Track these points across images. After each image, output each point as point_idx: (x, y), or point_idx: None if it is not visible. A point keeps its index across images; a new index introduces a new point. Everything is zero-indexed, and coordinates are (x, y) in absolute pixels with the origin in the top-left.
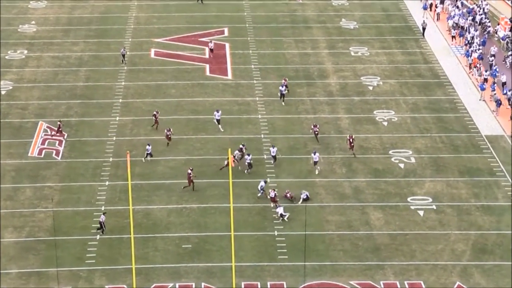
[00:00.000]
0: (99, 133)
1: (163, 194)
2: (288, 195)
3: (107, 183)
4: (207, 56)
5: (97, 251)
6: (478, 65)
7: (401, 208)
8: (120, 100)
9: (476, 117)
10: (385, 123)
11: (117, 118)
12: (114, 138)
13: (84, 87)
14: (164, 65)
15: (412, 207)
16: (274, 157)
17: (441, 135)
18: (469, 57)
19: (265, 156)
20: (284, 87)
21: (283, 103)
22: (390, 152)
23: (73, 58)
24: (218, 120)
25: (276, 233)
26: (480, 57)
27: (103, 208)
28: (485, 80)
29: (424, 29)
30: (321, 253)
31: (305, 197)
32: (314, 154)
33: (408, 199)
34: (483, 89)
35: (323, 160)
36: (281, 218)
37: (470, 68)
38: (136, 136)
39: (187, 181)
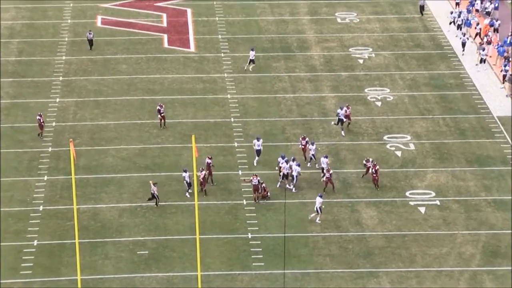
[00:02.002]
0: (36, 118)
1: (113, 191)
2: (256, 183)
3: (45, 178)
4: (164, 24)
5: (35, 260)
6: (489, 34)
7: (398, 205)
8: (61, 78)
9: (487, 95)
10: (379, 103)
11: (57, 100)
12: (54, 124)
13: (16, 62)
14: (113, 36)
15: (412, 203)
16: (258, 152)
17: (445, 117)
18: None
19: (236, 144)
20: (343, 110)
21: (342, 133)
22: (385, 137)
23: (2, 27)
24: (258, 151)
25: (249, 235)
26: (491, 24)
27: (41, 208)
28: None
29: None
30: (303, 259)
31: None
32: (312, 145)
33: (407, 193)
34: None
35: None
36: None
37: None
38: (81, 121)
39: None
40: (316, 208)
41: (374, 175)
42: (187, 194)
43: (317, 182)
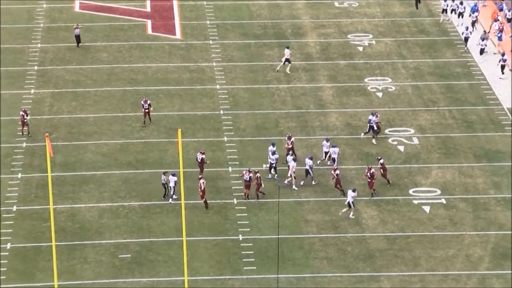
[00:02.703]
0: (8, 110)
1: (93, 189)
2: (247, 179)
3: (19, 175)
4: (148, 9)
5: (8, 264)
6: (497, 18)
7: (401, 203)
8: (36, 68)
9: (497, 84)
10: (380, 94)
11: (32, 91)
12: (29, 117)
13: None
14: (92, 21)
15: (415, 202)
16: (308, 171)
17: (451, 109)
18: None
19: (225, 139)
20: (374, 116)
21: (374, 141)
22: (386, 131)
23: None
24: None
25: (240, 237)
26: (501, 8)
27: (14, 208)
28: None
29: None
30: (298, 262)
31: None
32: (334, 147)
33: (410, 191)
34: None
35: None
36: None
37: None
38: (57, 114)
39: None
40: (348, 203)
41: (370, 179)
42: (170, 200)
43: (314, 178)
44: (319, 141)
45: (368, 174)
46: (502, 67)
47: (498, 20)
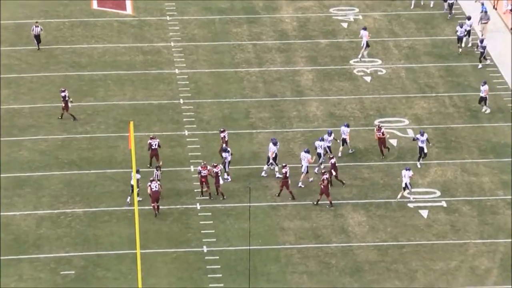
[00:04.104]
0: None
1: (29, 194)
2: (205, 174)
3: None
4: None
5: None
6: None
7: (394, 207)
8: None
9: (504, 66)
10: (368, 79)
11: None
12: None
13: None
14: None
15: (411, 205)
16: (319, 154)
17: (451, 95)
18: None
19: (186, 133)
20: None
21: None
22: (376, 122)
23: None
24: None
25: (205, 248)
26: None
27: None
28: None
29: None
30: (274, 278)
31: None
32: (347, 127)
33: (405, 193)
34: None
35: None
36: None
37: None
38: None
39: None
40: (406, 184)
41: (322, 184)
42: (128, 200)
43: (292, 178)
44: (295, 134)
45: (323, 178)
46: (481, 54)
47: None
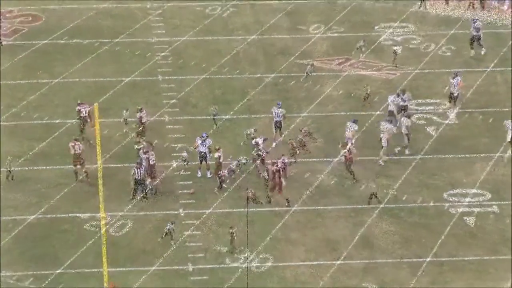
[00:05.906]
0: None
1: None
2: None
3: None
4: None
5: None
6: None
7: (432, 213)
8: None
9: None
10: (398, 49)
11: None
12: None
13: None
14: None
15: (452, 210)
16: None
17: (503, 70)
18: None
19: (166, 118)
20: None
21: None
22: (409, 105)
23: None
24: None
25: (190, 267)
26: None
27: None
28: None
29: None
30: None
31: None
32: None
33: (444, 194)
34: None
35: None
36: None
37: None
38: None
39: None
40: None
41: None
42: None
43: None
44: (306, 119)
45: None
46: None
47: None
